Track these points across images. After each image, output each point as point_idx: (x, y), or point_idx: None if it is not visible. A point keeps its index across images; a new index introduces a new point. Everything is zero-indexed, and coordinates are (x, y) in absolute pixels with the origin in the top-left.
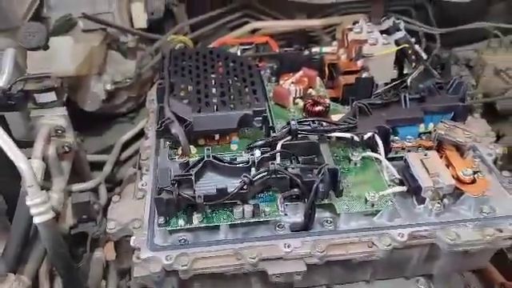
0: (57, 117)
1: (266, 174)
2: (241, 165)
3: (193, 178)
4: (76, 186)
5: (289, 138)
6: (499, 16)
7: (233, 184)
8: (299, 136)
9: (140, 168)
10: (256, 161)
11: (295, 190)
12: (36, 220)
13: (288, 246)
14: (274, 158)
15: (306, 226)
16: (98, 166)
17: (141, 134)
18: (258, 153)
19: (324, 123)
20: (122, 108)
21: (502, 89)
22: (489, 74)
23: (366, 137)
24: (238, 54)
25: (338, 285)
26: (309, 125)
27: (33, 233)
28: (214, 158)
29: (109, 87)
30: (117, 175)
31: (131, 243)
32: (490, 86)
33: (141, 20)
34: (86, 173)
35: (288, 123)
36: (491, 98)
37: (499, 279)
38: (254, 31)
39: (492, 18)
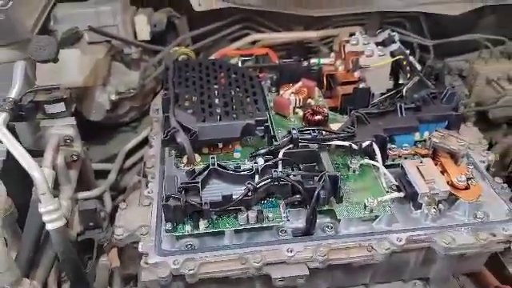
0: (65, 127)
1: (269, 181)
2: (245, 172)
3: (199, 185)
4: (82, 194)
5: (290, 146)
6: (489, 28)
7: (237, 191)
8: (300, 144)
9: (145, 176)
10: (259, 168)
11: (297, 196)
12: (49, 227)
13: (291, 251)
14: (277, 166)
15: (307, 231)
16: (101, 174)
17: (144, 143)
18: (261, 161)
19: (324, 132)
20: (125, 117)
21: (494, 98)
22: (481, 84)
23: (364, 145)
24: (239, 65)
25: None
26: (309, 134)
27: (42, 239)
28: (219, 165)
29: (113, 97)
30: (120, 183)
31: (139, 249)
32: (483, 95)
33: (144, 32)
34: (91, 181)
35: (289, 132)
36: (483, 106)
37: (494, 283)
38: (253, 43)
39: (482, 30)
